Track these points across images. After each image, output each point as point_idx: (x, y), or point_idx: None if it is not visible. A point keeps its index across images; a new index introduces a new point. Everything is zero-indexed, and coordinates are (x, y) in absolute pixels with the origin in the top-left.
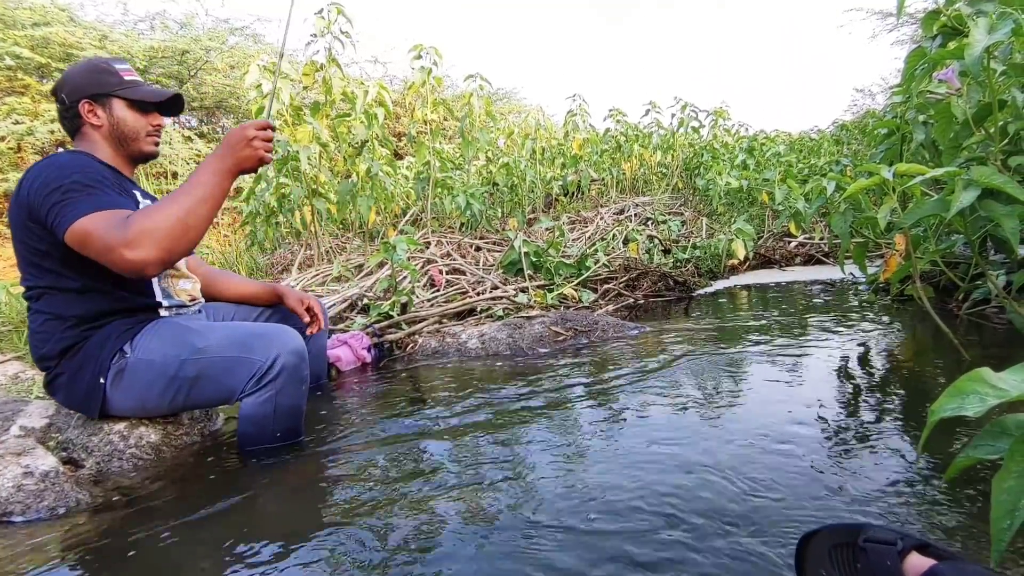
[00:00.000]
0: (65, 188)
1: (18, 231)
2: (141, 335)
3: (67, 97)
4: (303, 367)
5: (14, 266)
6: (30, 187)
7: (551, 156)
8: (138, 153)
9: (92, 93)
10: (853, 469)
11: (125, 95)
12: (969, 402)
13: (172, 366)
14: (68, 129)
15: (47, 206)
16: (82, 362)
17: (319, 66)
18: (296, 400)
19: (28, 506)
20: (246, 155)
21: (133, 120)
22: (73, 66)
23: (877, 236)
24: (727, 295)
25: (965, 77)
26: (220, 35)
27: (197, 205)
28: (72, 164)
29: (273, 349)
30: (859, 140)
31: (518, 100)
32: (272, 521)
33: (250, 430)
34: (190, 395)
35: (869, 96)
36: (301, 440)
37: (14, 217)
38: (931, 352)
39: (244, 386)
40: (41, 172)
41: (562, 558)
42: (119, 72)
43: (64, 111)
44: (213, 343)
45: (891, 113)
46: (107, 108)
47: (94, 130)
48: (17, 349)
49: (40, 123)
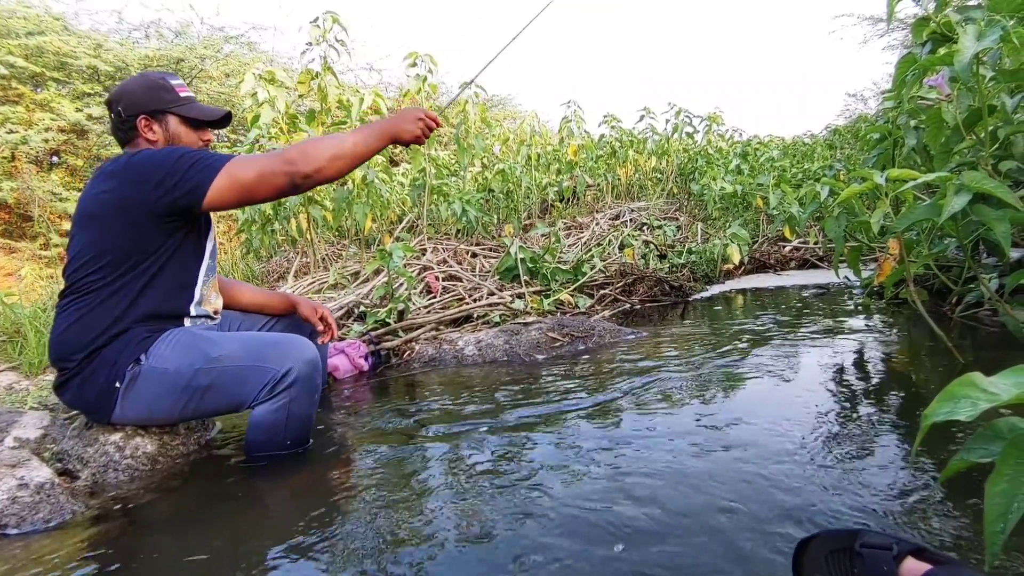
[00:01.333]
0: (189, 158)
1: (105, 224)
2: (156, 344)
3: (124, 111)
4: (316, 376)
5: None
6: (137, 178)
7: (546, 162)
8: None
9: (150, 109)
10: (848, 473)
11: (181, 112)
12: (961, 407)
13: (185, 375)
14: (121, 140)
15: (174, 179)
16: (97, 367)
17: (314, 74)
18: (308, 409)
19: (23, 518)
20: (409, 128)
21: (186, 136)
22: (130, 79)
23: (871, 240)
24: (723, 300)
25: (955, 83)
26: (215, 43)
27: (350, 147)
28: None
29: (288, 359)
30: (852, 144)
31: (513, 106)
32: (270, 530)
33: (261, 437)
34: (200, 404)
35: (861, 101)
36: (308, 448)
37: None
38: (925, 355)
39: (257, 395)
40: (143, 164)
41: (559, 566)
42: (175, 88)
43: (120, 123)
44: (227, 352)
45: (883, 118)
46: (163, 124)
47: (149, 144)
48: (11, 359)
49: (34, 132)
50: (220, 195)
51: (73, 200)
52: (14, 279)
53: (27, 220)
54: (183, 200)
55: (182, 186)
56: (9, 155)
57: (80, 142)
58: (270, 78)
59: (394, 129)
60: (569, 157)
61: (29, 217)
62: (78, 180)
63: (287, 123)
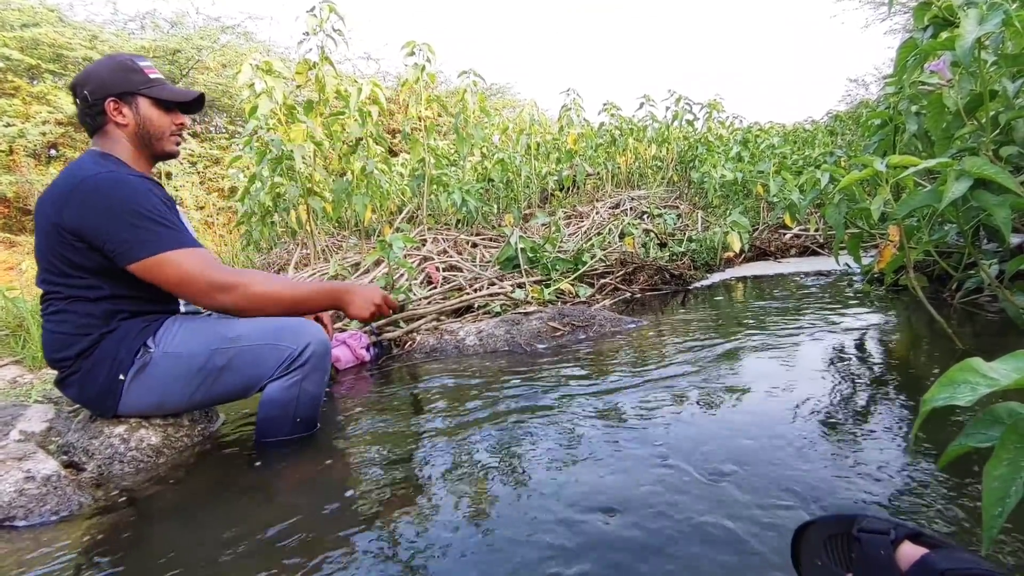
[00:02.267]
0: (136, 218)
1: (51, 242)
2: (164, 329)
3: (91, 95)
4: (327, 357)
5: (10, 269)
6: (80, 211)
7: (546, 151)
8: (161, 152)
9: (119, 91)
10: (848, 459)
11: (151, 94)
12: (960, 392)
13: (200, 357)
14: (89, 127)
15: (111, 232)
16: (96, 361)
17: (312, 64)
18: (318, 388)
19: (31, 510)
20: (361, 307)
21: (158, 119)
22: (97, 63)
23: (871, 227)
24: (723, 288)
25: (956, 68)
26: (211, 34)
27: (291, 303)
28: (129, 192)
29: (302, 338)
30: (853, 131)
31: (512, 95)
32: (276, 519)
33: (273, 413)
34: (213, 387)
35: (863, 86)
36: (316, 431)
37: (47, 229)
38: (925, 341)
39: (272, 373)
40: (91, 197)
41: (559, 554)
42: (144, 70)
43: (87, 108)
44: (244, 332)
45: (884, 104)
46: (133, 107)
47: (118, 129)
48: (15, 353)
49: (31, 125)
50: (142, 272)
51: None
52: (15, 273)
53: (27, 214)
54: (110, 253)
55: (116, 242)
56: (7, 149)
57: (78, 134)
58: (267, 68)
59: (345, 301)
60: (569, 146)
61: (28, 211)
62: None
63: (285, 114)
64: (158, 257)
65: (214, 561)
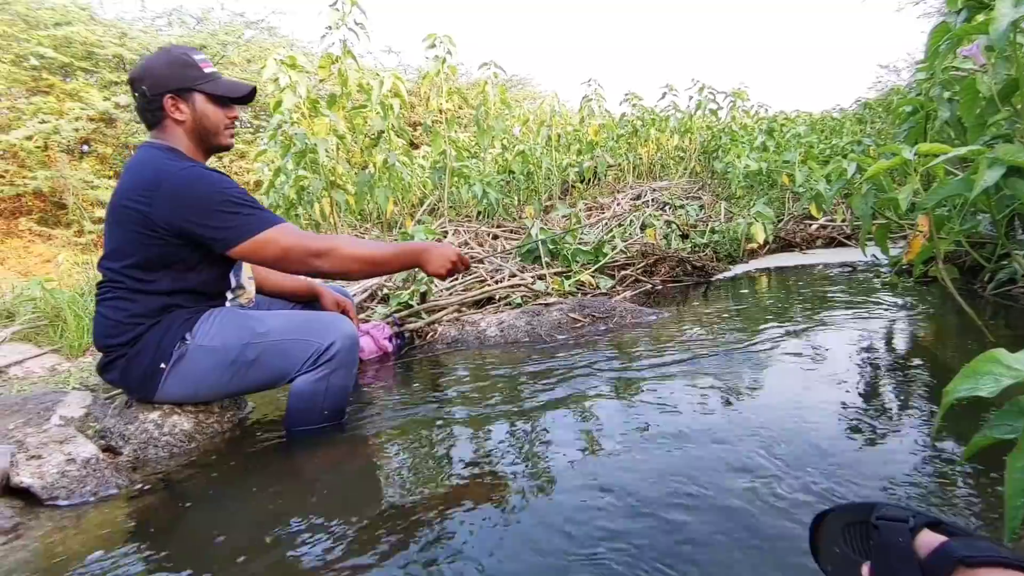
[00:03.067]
0: (234, 204)
1: (132, 234)
2: (200, 323)
3: (149, 90)
4: (355, 351)
5: (47, 262)
6: (172, 207)
7: (567, 142)
8: (216, 146)
9: (176, 87)
10: (872, 450)
11: (207, 89)
12: (984, 383)
13: (233, 350)
14: (148, 121)
15: (209, 223)
16: (142, 349)
17: (335, 58)
18: (346, 381)
19: (72, 491)
20: (439, 264)
21: (213, 114)
22: (153, 57)
23: (900, 217)
24: (746, 279)
25: (991, 52)
26: (236, 29)
27: (377, 262)
28: (216, 183)
29: (331, 333)
30: (883, 119)
31: (533, 87)
32: (305, 503)
33: (301, 405)
34: (245, 378)
35: (894, 72)
36: (344, 421)
37: (129, 220)
38: (955, 334)
39: (300, 367)
40: (182, 193)
41: (580, 546)
42: (199, 64)
43: (145, 104)
44: (274, 327)
45: (915, 90)
46: (190, 103)
47: (177, 124)
48: (53, 343)
49: (66, 122)
50: (245, 253)
51: (104, 188)
52: (52, 265)
53: (61, 208)
54: (210, 242)
55: (215, 230)
56: (43, 145)
57: (109, 130)
58: (291, 63)
59: (423, 259)
60: (590, 137)
61: (63, 205)
62: (107, 168)
63: (309, 107)
64: (258, 238)
65: (244, 543)
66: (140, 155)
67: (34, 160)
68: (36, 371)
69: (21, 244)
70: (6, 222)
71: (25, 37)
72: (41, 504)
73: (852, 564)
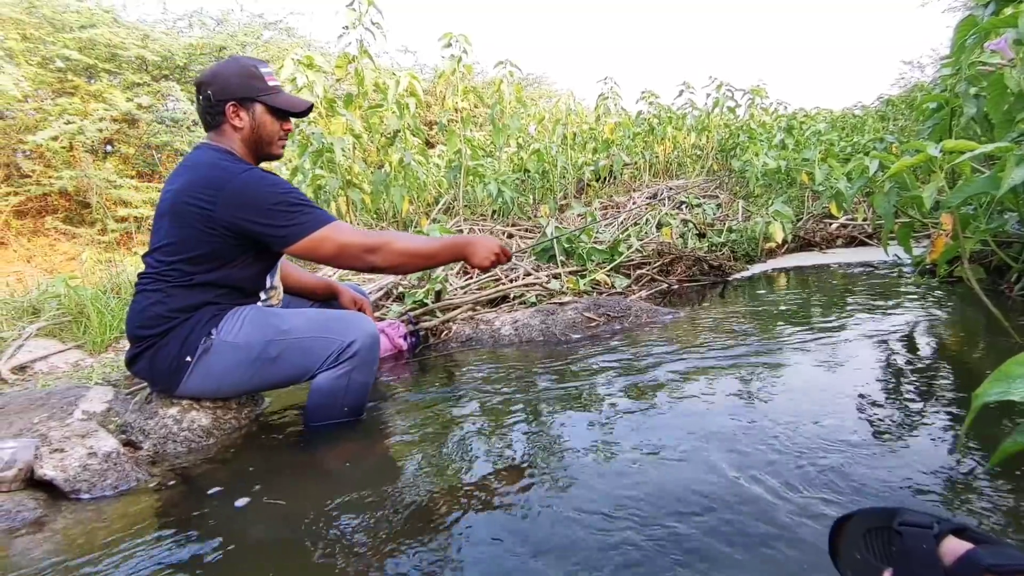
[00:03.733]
0: (293, 205)
1: (189, 229)
2: (226, 320)
3: (214, 95)
4: (376, 349)
5: (72, 259)
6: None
7: (582, 141)
8: (267, 155)
9: (239, 96)
10: (895, 454)
11: (268, 101)
12: (1016, 387)
13: (256, 348)
14: (207, 123)
15: (271, 223)
16: (171, 341)
17: (351, 58)
18: (367, 378)
19: (93, 484)
20: (483, 256)
21: (270, 125)
22: (223, 64)
23: (923, 215)
24: (764, 279)
25: (1020, 46)
26: (255, 30)
27: (427, 256)
28: (275, 185)
29: (351, 332)
30: (906, 116)
31: (548, 85)
32: (323, 499)
33: (322, 401)
34: (267, 375)
35: (919, 68)
36: (363, 417)
37: (188, 215)
38: (981, 336)
39: (321, 364)
40: (244, 194)
41: (593, 548)
42: (265, 76)
43: (208, 107)
44: (296, 325)
45: (940, 86)
46: (250, 112)
47: (235, 131)
48: (77, 338)
49: (90, 122)
50: (302, 250)
51: (127, 187)
52: (76, 263)
53: (85, 207)
54: (270, 239)
55: (276, 229)
56: (68, 145)
57: (131, 131)
58: (308, 63)
59: (469, 252)
60: (606, 135)
61: (87, 204)
62: (130, 168)
63: (325, 107)
64: (315, 235)
65: (261, 537)
66: (199, 155)
67: (59, 160)
68: (60, 366)
69: (47, 242)
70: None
71: (52, 40)
72: (64, 497)
73: (874, 570)
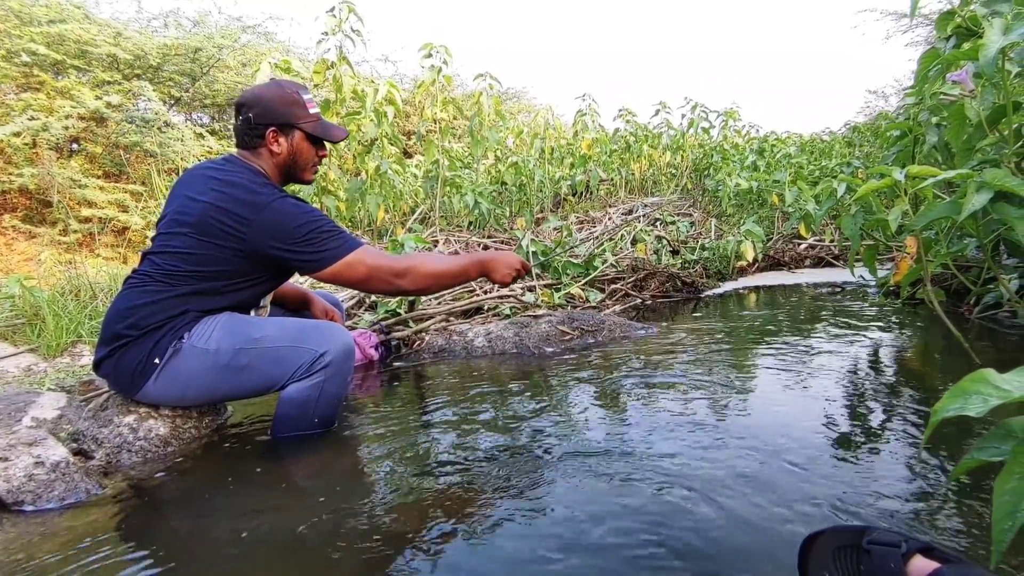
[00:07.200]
0: (325, 232)
1: (215, 247)
2: (200, 325)
3: (255, 118)
4: (350, 361)
5: (29, 260)
6: (266, 236)
7: (560, 156)
8: (299, 180)
9: (280, 122)
10: (859, 470)
11: (308, 129)
12: (972, 402)
13: (226, 355)
14: (244, 143)
15: (303, 250)
16: (143, 341)
17: (330, 64)
18: (340, 390)
19: (39, 495)
20: (504, 273)
21: (307, 151)
22: (266, 87)
23: (888, 238)
24: (735, 296)
25: (979, 78)
26: (232, 33)
27: (453, 276)
28: (306, 213)
29: (325, 342)
30: (871, 142)
31: (528, 100)
32: (279, 511)
33: (292, 412)
34: (235, 384)
35: (882, 98)
36: (333, 428)
37: (218, 237)
38: (941, 356)
39: (292, 374)
40: (277, 223)
41: (562, 560)
42: (306, 103)
43: (248, 128)
44: (269, 334)
45: (904, 115)
46: (290, 138)
47: (271, 155)
48: (30, 342)
49: (55, 119)
50: (332, 275)
51: (92, 187)
52: (34, 264)
53: (47, 206)
54: (300, 265)
55: (308, 255)
56: (31, 142)
57: (99, 130)
58: (285, 67)
59: (491, 268)
60: (583, 151)
61: (49, 203)
62: (96, 167)
63: None
64: (345, 260)
65: (218, 550)
66: (233, 173)
67: (21, 157)
68: (11, 371)
69: (3, 241)
70: None
71: (17, 33)
72: (6, 509)
73: None
